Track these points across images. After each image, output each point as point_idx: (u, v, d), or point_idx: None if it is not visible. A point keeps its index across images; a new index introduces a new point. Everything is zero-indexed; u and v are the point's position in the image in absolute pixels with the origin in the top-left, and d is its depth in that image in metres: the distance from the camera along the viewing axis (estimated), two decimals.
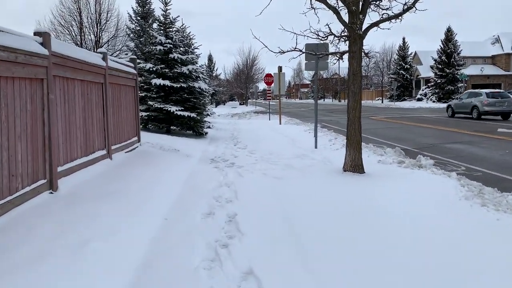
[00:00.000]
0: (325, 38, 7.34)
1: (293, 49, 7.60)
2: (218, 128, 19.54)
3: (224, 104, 62.55)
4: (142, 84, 14.17)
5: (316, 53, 7.99)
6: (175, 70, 13.95)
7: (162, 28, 14.46)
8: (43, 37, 5.06)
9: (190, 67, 13.89)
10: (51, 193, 5.14)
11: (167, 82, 13.40)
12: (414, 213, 4.96)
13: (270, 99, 26.60)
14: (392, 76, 64.02)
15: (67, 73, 5.82)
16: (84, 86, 6.56)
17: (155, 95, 13.89)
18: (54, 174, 5.22)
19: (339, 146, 11.56)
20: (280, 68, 22.42)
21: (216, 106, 52.48)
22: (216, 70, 64.06)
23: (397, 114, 29.85)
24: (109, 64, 7.69)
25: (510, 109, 21.50)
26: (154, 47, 14.00)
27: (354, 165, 7.26)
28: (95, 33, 28.41)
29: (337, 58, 7.66)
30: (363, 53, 7.26)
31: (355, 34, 7.00)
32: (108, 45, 29.07)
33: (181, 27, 14.84)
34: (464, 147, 12.07)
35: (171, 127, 14.76)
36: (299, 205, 5.38)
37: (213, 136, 15.33)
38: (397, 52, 64.62)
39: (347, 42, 7.29)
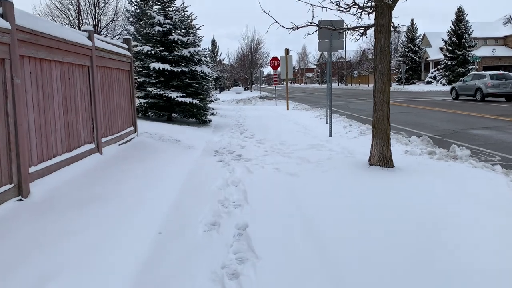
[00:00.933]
0: (347, 9, 6.25)
1: (309, 23, 6.52)
2: (223, 115, 18.51)
3: (228, 90, 61.36)
4: (141, 69, 13.13)
5: (336, 28, 6.89)
6: (176, 53, 12.88)
7: (161, 7, 13.34)
8: (3, 6, 4.03)
9: (191, 49, 12.82)
10: (20, 200, 4.18)
11: (166, 66, 12.35)
12: (488, 226, 3.91)
13: (276, 84, 25.45)
14: (400, 59, 62.48)
15: (40, 53, 4.81)
16: (65, 69, 5.55)
17: (154, 81, 12.86)
18: (24, 177, 4.26)
19: (356, 134, 10.53)
20: (287, 51, 21.26)
21: (220, 92, 51.35)
22: (220, 55, 62.73)
23: (407, 98, 28.62)
24: (97, 44, 6.67)
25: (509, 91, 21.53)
26: (152, 29, 12.91)
27: (382, 158, 6.24)
28: (93, 16, 27.24)
29: (361, 33, 6.58)
30: (392, 27, 6.17)
31: (383, 4, 5.91)
32: (107, 30, 27.95)
33: (181, 6, 13.70)
34: (491, 133, 10.98)
35: (173, 115, 13.76)
36: (324, 212, 4.38)
37: (217, 124, 14.32)
38: (405, 34, 62.91)
39: (372, 15, 6.21)
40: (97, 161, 6.21)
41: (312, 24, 6.58)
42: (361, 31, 6.57)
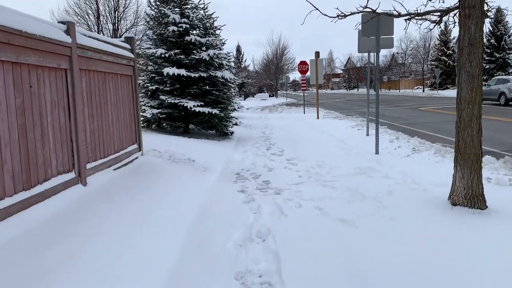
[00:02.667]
0: None
1: (363, 8, 4.72)
2: (247, 124, 16.81)
3: (253, 96, 59.85)
4: (154, 75, 11.58)
5: (399, 14, 5.04)
6: (193, 56, 11.27)
7: (176, 4, 11.78)
8: None
9: (211, 52, 11.18)
10: None
11: (182, 71, 10.74)
12: None
13: (304, 90, 23.62)
14: (433, 63, 59.59)
15: None
16: (22, 74, 3.93)
17: (168, 88, 11.27)
18: None
19: (408, 151, 8.61)
20: (317, 54, 19.43)
21: (244, 99, 49.86)
22: (245, 61, 61.39)
23: (446, 104, 26.25)
24: (80, 41, 5.06)
25: None
26: (166, 29, 11.36)
27: (471, 195, 4.37)
28: (112, 21, 26.19)
29: (434, 22, 4.75)
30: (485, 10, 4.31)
31: None
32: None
33: (200, 2, 12.10)
34: None
35: (190, 126, 12.14)
36: None
37: (240, 136, 12.61)
38: (438, 37, 60.08)
39: None
40: (76, 197, 4.57)
41: (367, 9, 4.77)
42: (435, 18, 4.72)
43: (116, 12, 26.31)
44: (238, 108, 19.22)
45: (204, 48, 11.84)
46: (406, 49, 72.42)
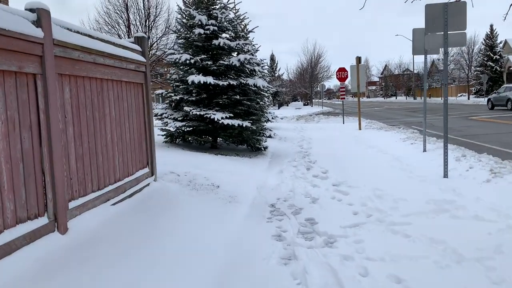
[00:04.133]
0: None
1: None
2: (282, 137, 15.28)
3: (287, 105, 58.30)
4: (178, 84, 10.30)
5: None
6: (221, 61, 9.91)
7: (203, 5, 10.49)
8: None
9: (241, 57, 9.78)
10: None
11: (209, 79, 9.39)
12: None
13: (344, 98, 21.87)
14: (478, 69, 56.18)
15: None
16: None
17: (194, 98, 9.95)
18: None
19: (485, 173, 6.83)
20: (358, 59, 17.74)
21: (278, 108, 48.39)
22: (279, 70, 60.08)
23: (498, 113, 23.75)
24: (59, 36, 3.73)
25: None
26: (192, 32, 10.07)
27: None
28: (143, 30, 25.42)
29: None
30: None
31: None
32: (157, 44, 26.07)
33: (229, 2, 10.74)
34: None
35: (218, 139, 10.74)
36: None
37: (275, 152, 11.09)
38: (483, 42, 56.73)
39: None
40: (42, 254, 3.19)
41: None
42: None
43: (147, 21, 25.56)
44: (272, 118, 17.78)
45: (234, 54, 10.47)
46: (448, 55, 69.00)
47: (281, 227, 4.68)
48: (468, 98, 51.82)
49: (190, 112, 9.38)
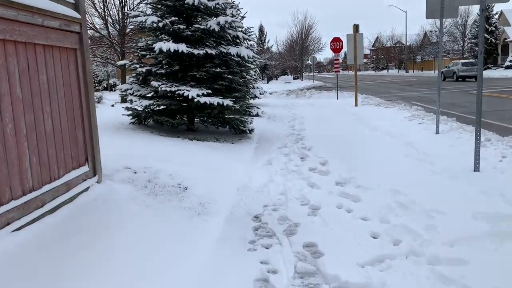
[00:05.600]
0: None
1: None
2: (271, 115, 13.65)
3: (276, 79, 56.33)
4: (144, 53, 8.53)
5: None
6: (197, 25, 8.14)
7: None
8: None
9: (221, 19, 8.01)
10: None
11: (181, 47, 7.66)
12: None
13: (338, 71, 20.17)
14: (472, 41, 54.60)
15: None
16: None
17: (163, 71, 8.22)
18: None
19: None
20: (356, 27, 15.98)
21: (267, 82, 46.50)
22: (268, 42, 57.74)
23: (499, 86, 22.30)
24: None
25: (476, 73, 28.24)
26: None
27: None
28: None
29: None
30: None
31: None
32: (137, 7, 23.87)
33: None
34: None
35: (195, 121, 9.08)
36: None
37: (262, 134, 9.48)
38: (478, 13, 54.87)
39: None
40: None
41: None
42: None
43: None
44: (260, 94, 16.08)
45: (213, 15, 8.69)
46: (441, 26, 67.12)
47: (269, 261, 3.14)
48: None
49: (159, 88, 7.66)
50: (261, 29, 57.44)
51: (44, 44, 3.67)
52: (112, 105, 14.41)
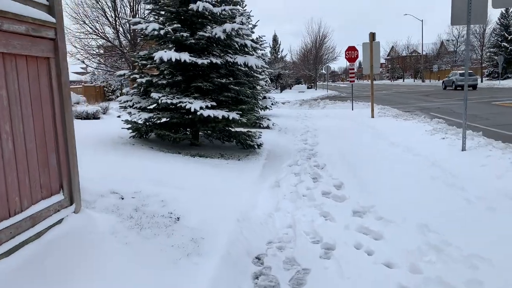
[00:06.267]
0: None
1: None
2: (282, 126, 12.96)
3: (290, 88, 55.70)
4: (144, 62, 7.95)
5: None
6: (201, 33, 7.54)
7: None
8: None
9: (228, 26, 7.40)
10: None
11: (184, 56, 7.06)
12: None
13: (353, 81, 19.42)
14: (492, 50, 53.17)
15: None
16: None
17: (165, 81, 7.62)
18: None
19: None
20: (372, 35, 15.25)
21: (281, 91, 45.88)
22: (282, 51, 57.17)
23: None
24: None
25: (474, 83, 32.49)
26: None
27: None
28: (130, 3, 22.95)
29: None
30: None
31: None
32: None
33: None
34: None
35: (199, 134, 8.45)
36: None
37: (272, 149, 8.79)
38: (497, 21, 53.60)
39: None
40: None
41: None
42: None
43: None
44: (272, 104, 15.44)
45: (219, 22, 8.09)
46: (458, 35, 65.85)
47: None
48: (482, 81, 48.96)
49: (159, 100, 7.05)
50: (274, 39, 56.94)
51: (3, 52, 3.06)
52: (118, 116, 13.91)
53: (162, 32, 7.32)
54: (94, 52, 24.01)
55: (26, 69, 3.35)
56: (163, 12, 7.90)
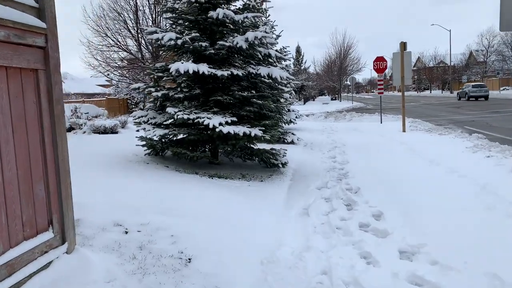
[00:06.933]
0: None
1: None
2: (308, 141, 12.22)
3: (313, 100, 54.89)
4: (161, 74, 7.39)
5: None
6: (222, 42, 6.93)
7: None
8: None
9: (250, 35, 6.77)
10: None
11: (202, 68, 6.46)
12: None
13: (382, 93, 18.54)
14: None
15: None
16: None
17: (181, 95, 7.03)
18: None
19: None
20: (403, 45, 14.41)
21: (304, 103, 45.14)
22: (305, 63, 56.50)
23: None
24: None
25: (486, 94, 34.29)
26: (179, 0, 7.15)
27: None
28: (152, 14, 22.81)
29: None
30: None
31: None
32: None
33: None
34: None
35: (219, 152, 7.80)
36: None
37: (298, 168, 8.07)
38: None
39: None
40: None
41: None
42: None
43: (156, 6, 22.82)
44: (297, 117, 14.73)
45: (241, 31, 7.49)
46: (488, 45, 63.85)
47: None
48: None
49: (176, 116, 6.45)
50: (298, 50, 56.35)
51: None
52: (137, 130, 13.47)
53: (179, 42, 6.74)
54: (116, 65, 23.90)
55: (6, 82, 2.77)
56: (181, 21, 7.35)
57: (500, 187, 5.74)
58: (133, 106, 33.33)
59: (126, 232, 3.84)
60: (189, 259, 3.47)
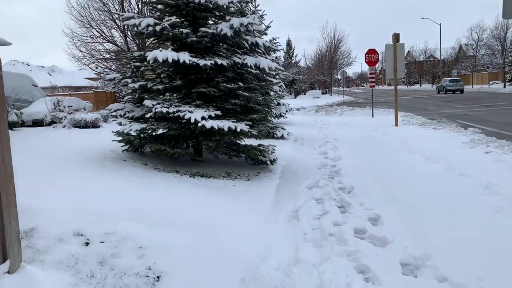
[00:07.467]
0: None
1: None
2: (298, 136, 11.73)
3: (304, 94, 54.39)
4: (138, 64, 6.81)
5: None
6: (205, 29, 6.38)
7: None
8: None
9: (235, 21, 6.22)
10: None
11: (183, 57, 5.91)
12: None
13: (373, 86, 18.09)
14: None
15: None
16: None
17: (161, 86, 6.47)
18: None
19: None
20: (396, 36, 13.95)
21: (295, 97, 44.65)
22: (296, 56, 55.88)
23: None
24: None
25: (461, 88, 37.73)
26: None
27: None
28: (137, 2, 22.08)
29: None
30: None
31: None
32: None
33: None
34: None
35: (202, 148, 7.27)
36: None
37: (287, 165, 7.57)
38: None
39: None
40: None
41: None
42: None
43: None
44: (287, 111, 14.23)
45: (226, 18, 6.93)
46: (477, 39, 63.77)
47: None
48: (504, 86, 46.90)
49: (154, 109, 5.90)
50: (288, 43, 55.69)
51: None
52: (120, 124, 12.87)
53: (158, 28, 6.18)
54: (102, 57, 23.14)
55: None
56: (160, 6, 6.77)
57: (505, 186, 5.31)
58: (121, 99, 32.58)
59: (87, 244, 3.31)
60: (158, 277, 2.96)
